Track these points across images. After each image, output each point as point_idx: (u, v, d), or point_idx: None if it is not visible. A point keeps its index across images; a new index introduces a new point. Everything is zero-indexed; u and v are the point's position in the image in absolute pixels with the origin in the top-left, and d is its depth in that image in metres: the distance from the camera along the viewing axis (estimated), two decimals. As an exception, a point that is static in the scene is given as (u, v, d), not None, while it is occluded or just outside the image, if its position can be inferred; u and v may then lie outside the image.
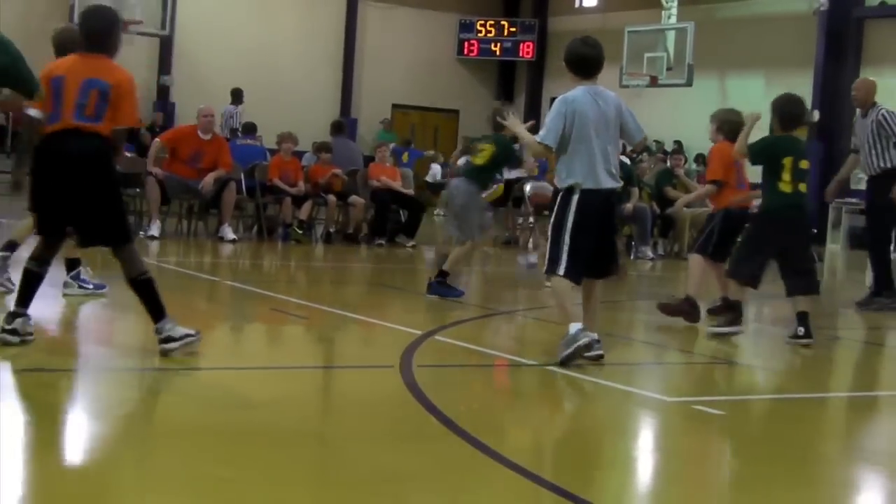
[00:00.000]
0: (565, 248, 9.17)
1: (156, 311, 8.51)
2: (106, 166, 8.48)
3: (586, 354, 9.08)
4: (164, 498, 5.55)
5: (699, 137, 31.41)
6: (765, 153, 11.45)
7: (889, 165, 14.32)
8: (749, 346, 12.02)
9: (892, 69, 29.06)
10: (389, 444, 6.86)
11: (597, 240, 9.26)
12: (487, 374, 9.61)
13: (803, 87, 29.42)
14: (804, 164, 11.39)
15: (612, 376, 9.11)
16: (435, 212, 26.25)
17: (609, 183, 9.24)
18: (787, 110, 11.65)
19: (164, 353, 8.45)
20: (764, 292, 12.33)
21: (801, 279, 11.39)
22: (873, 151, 14.41)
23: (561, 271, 9.22)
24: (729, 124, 12.10)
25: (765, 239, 11.37)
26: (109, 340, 10.07)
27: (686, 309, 12.11)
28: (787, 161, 11.29)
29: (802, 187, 11.37)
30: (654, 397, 8.82)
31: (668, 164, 23.29)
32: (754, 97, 31.65)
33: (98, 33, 8.57)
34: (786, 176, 11.25)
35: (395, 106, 36.56)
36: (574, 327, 9.09)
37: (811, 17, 30.26)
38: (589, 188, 9.16)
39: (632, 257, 20.60)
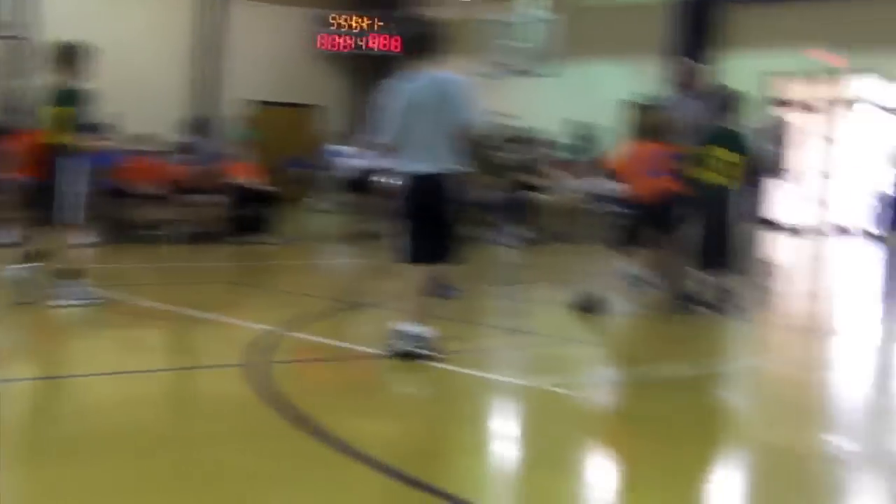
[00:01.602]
0: (408, 235, 9.04)
1: None
2: None
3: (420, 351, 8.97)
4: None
5: (554, 124, 31.62)
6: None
7: None
8: (606, 326, 12.04)
9: (741, 52, 29.39)
10: (240, 444, 6.71)
11: (439, 225, 9.08)
12: (340, 368, 9.46)
13: (657, 71, 29.63)
14: (725, 155, 12.01)
15: (470, 363, 9.05)
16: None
17: (433, 167, 8.98)
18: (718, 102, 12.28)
19: None
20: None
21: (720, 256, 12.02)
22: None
23: (406, 259, 9.13)
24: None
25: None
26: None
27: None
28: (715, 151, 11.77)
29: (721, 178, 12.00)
30: (511, 381, 8.74)
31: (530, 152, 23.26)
32: (610, 83, 31.96)
33: None
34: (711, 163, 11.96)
35: (255, 102, 36.19)
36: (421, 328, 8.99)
37: (665, 5, 30.43)
38: (411, 173, 9.01)
39: (494, 244, 20.57)
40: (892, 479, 6.37)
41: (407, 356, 8.92)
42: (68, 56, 11.52)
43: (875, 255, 24.15)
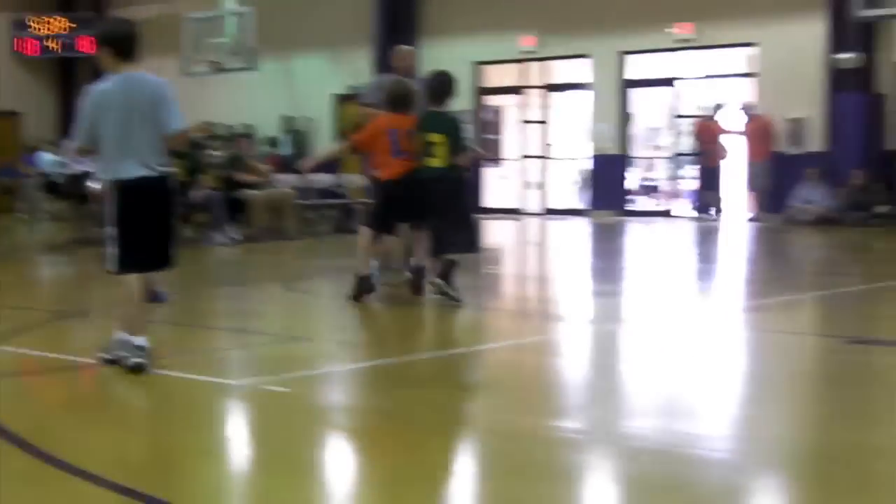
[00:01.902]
0: (118, 242, 8.77)
1: None
2: None
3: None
4: None
5: (266, 120, 31.47)
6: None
7: None
8: (324, 320, 11.99)
9: (445, 39, 29.69)
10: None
11: (150, 230, 8.83)
12: (54, 381, 9.13)
13: (363, 61, 29.73)
14: (435, 138, 11.99)
15: (191, 367, 8.85)
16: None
17: (143, 171, 8.64)
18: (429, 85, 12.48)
19: None
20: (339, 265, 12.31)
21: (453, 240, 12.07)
22: None
23: (116, 267, 8.80)
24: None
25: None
26: None
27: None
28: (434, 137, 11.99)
29: (436, 161, 12.02)
30: (221, 382, 8.59)
31: (238, 149, 23.01)
32: (318, 76, 31.92)
33: None
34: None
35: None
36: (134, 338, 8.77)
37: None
38: (121, 179, 8.70)
39: (207, 244, 20.31)
40: (617, 459, 6.44)
41: (120, 365, 8.69)
42: None
43: (585, 232, 24.70)
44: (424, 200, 12.06)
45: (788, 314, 12.35)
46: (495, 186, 30.22)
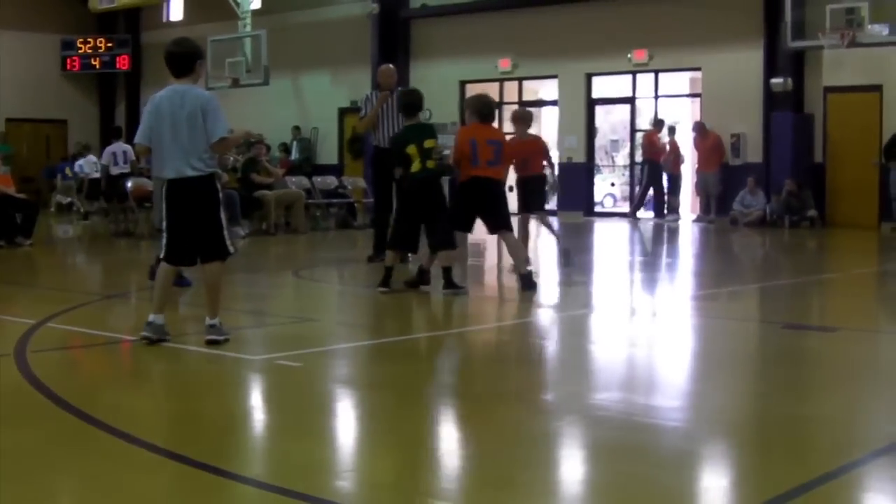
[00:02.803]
0: (164, 234, 8.81)
1: None
2: None
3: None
4: None
5: (278, 129, 31.46)
6: (398, 151, 12.07)
7: None
8: (328, 304, 12.00)
9: (434, 60, 29.74)
10: (8, 426, 6.40)
11: (194, 225, 8.84)
12: (98, 354, 9.13)
13: (364, 81, 29.74)
14: (429, 144, 11.88)
15: (209, 343, 8.81)
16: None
17: (188, 172, 8.66)
18: (405, 102, 12.35)
19: None
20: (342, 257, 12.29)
21: (442, 236, 11.93)
22: (388, 125, 14.60)
23: (162, 255, 8.87)
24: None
25: (412, 210, 11.94)
26: None
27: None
28: (412, 148, 11.85)
29: (430, 164, 11.87)
30: (241, 357, 8.59)
31: (252, 153, 22.99)
32: (323, 92, 31.94)
33: None
34: (416, 159, 11.82)
35: (8, 120, 35.04)
36: (154, 318, 8.79)
37: (365, 20, 30.56)
38: (168, 179, 8.76)
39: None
40: (584, 427, 6.48)
41: (153, 342, 8.72)
42: None
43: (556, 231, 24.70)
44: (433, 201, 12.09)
45: (732, 303, 12.38)
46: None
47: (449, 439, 6.37)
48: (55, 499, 5.22)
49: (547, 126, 30.55)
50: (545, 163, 14.86)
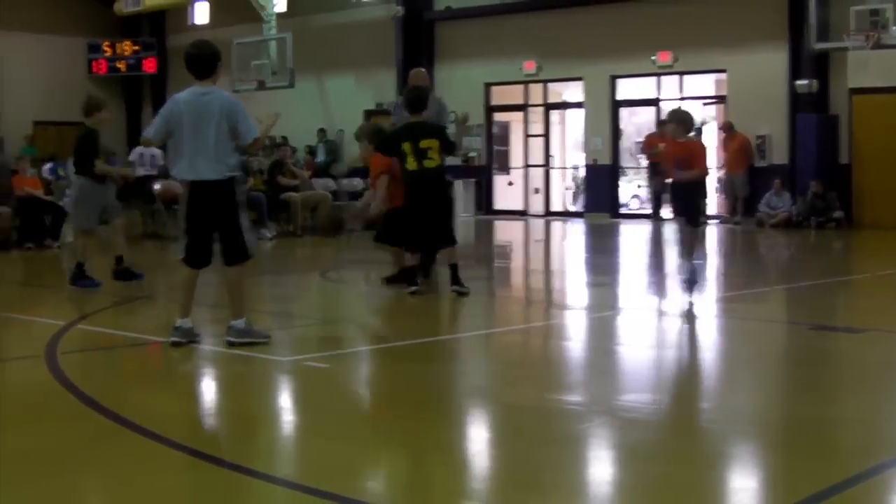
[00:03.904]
0: (185, 235, 8.85)
1: None
2: None
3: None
4: None
5: (304, 131, 31.49)
6: (388, 144, 12.16)
7: None
8: (354, 306, 12.02)
9: (458, 62, 29.74)
10: (32, 427, 6.45)
11: (214, 226, 8.86)
12: (127, 356, 9.18)
13: (388, 83, 29.82)
14: (424, 144, 11.83)
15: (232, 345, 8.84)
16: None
17: (211, 175, 8.69)
18: (409, 98, 12.33)
19: None
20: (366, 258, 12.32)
21: (443, 233, 11.96)
22: None
23: (181, 255, 8.91)
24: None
25: (410, 208, 11.97)
26: None
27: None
28: (406, 146, 11.80)
29: (428, 163, 11.82)
30: (270, 358, 8.62)
31: (278, 155, 23.03)
32: (347, 93, 31.97)
33: None
34: (410, 157, 11.80)
35: (35, 123, 35.19)
36: (182, 321, 8.85)
37: (390, 22, 30.59)
38: (191, 180, 8.77)
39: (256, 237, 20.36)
40: (612, 426, 6.48)
41: (182, 345, 8.76)
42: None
43: (583, 232, 24.70)
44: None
45: (759, 304, 12.32)
46: (504, 191, 30.27)
47: (476, 441, 6.38)
48: (87, 498, 5.26)
49: (571, 128, 30.56)
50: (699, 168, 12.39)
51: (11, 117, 34.09)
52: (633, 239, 23.35)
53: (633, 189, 32.10)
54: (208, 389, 7.97)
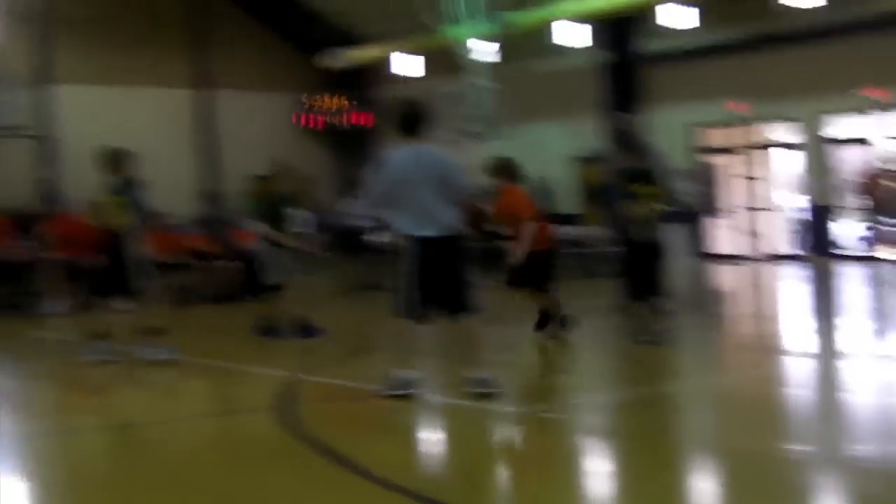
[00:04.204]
0: (406, 291, 8.99)
1: None
2: None
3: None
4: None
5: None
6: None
7: None
8: (579, 355, 12.08)
9: (667, 106, 29.61)
10: (264, 475, 6.72)
11: (439, 281, 9.04)
12: (353, 406, 9.42)
13: (593, 128, 29.86)
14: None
15: (460, 394, 8.99)
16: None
17: (435, 231, 8.92)
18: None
19: None
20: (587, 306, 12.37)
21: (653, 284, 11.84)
22: None
23: (402, 312, 9.06)
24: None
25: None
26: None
27: None
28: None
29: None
30: (505, 410, 8.75)
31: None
32: (552, 140, 32.11)
33: None
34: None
35: (255, 177, 36.25)
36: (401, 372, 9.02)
37: (596, 68, 30.68)
38: (416, 237, 8.93)
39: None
40: (846, 477, 6.42)
41: (399, 395, 8.92)
42: (115, 158, 11.68)
43: (801, 276, 24.29)
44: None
45: None
46: (718, 235, 29.96)
47: (704, 492, 6.38)
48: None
49: (783, 169, 30.09)
50: None
51: (230, 173, 35.23)
52: (854, 281, 22.85)
53: (853, 229, 31.33)
54: (441, 440, 8.16)
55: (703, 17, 29.00)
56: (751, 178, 29.52)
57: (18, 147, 31.18)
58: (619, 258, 13.44)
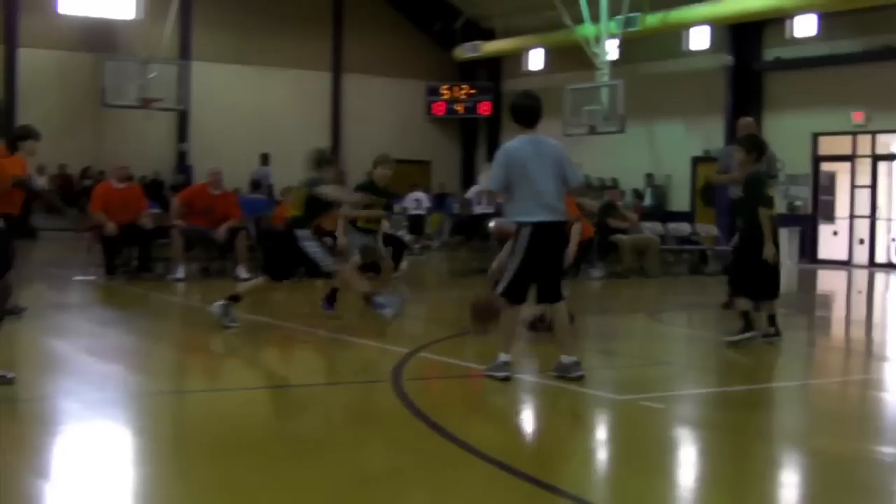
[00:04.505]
0: (516, 274, 9.08)
1: None
2: None
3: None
4: (200, 501, 5.60)
5: (631, 175, 31.70)
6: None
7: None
8: (681, 349, 12.10)
9: (787, 112, 29.34)
10: (382, 447, 6.89)
11: (545, 268, 9.18)
12: (462, 383, 9.57)
13: (717, 131, 29.72)
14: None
15: (570, 380, 9.10)
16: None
17: (551, 217, 9.03)
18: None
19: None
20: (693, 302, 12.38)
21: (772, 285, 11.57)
22: None
23: (505, 295, 9.15)
24: None
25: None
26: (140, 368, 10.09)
27: None
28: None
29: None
30: (607, 396, 8.86)
31: (609, 198, 23.23)
32: (676, 140, 31.99)
33: None
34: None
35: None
36: (505, 356, 9.10)
37: (720, 72, 30.52)
38: (533, 222, 9.04)
39: (581, 278, 20.69)
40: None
41: (501, 377, 9.03)
42: (319, 157, 11.95)
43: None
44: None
45: None
46: (828, 241, 29.62)
47: (792, 489, 6.42)
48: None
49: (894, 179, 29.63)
50: None
51: (355, 153, 35.59)
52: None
53: None
54: (544, 422, 8.27)
55: (826, 26, 28.70)
56: (865, 187, 29.14)
57: (159, 120, 31.86)
58: (728, 257, 13.38)
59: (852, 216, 29.24)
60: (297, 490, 5.82)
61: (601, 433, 7.89)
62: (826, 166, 30.01)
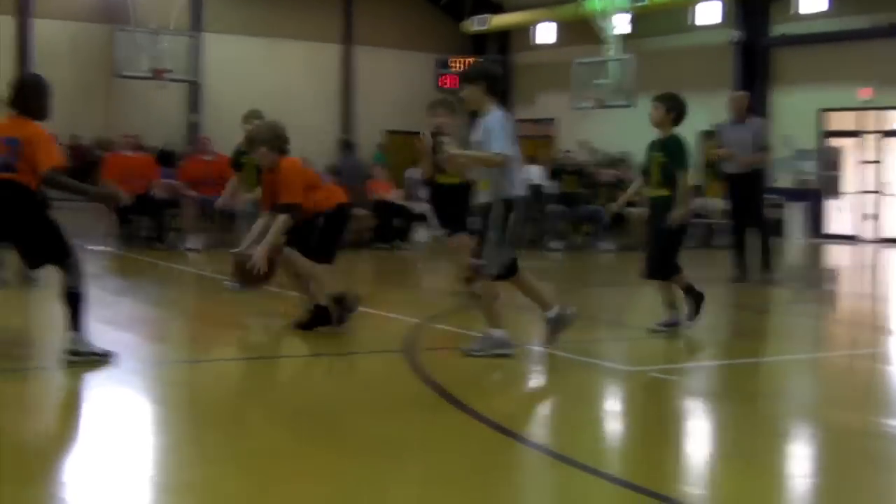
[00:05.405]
0: (505, 250, 8.76)
1: (74, 322, 7.99)
2: (24, 203, 8.10)
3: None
4: (216, 468, 5.58)
5: (640, 149, 31.57)
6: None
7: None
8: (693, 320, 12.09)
9: (794, 88, 29.24)
10: (393, 415, 6.88)
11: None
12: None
13: (723, 106, 29.51)
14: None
15: (580, 351, 9.09)
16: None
17: (525, 191, 8.98)
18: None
19: (67, 362, 7.95)
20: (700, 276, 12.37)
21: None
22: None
23: (495, 271, 8.76)
24: None
25: None
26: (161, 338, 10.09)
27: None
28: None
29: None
30: (617, 367, 8.84)
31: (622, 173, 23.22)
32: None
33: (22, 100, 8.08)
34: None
35: (386, 131, 36.57)
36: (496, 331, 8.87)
37: (727, 46, 30.38)
38: (521, 196, 8.83)
39: (592, 250, 20.76)
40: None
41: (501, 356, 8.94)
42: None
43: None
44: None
45: None
46: (834, 216, 29.55)
47: (803, 461, 6.41)
48: (449, 483, 5.59)
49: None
50: None
51: (364, 126, 35.61)
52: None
53: None
54: (552, 391, 8.25)
55: (834, 2, 28.57)
56: (873, 162, 29.06)
57: (171, 91, 31.82)
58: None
59: (859, 192, 29.17)
60: (311, 458, 5.82)
61: (608, 404, 7.87)
62: (832, 142, 29.93)
